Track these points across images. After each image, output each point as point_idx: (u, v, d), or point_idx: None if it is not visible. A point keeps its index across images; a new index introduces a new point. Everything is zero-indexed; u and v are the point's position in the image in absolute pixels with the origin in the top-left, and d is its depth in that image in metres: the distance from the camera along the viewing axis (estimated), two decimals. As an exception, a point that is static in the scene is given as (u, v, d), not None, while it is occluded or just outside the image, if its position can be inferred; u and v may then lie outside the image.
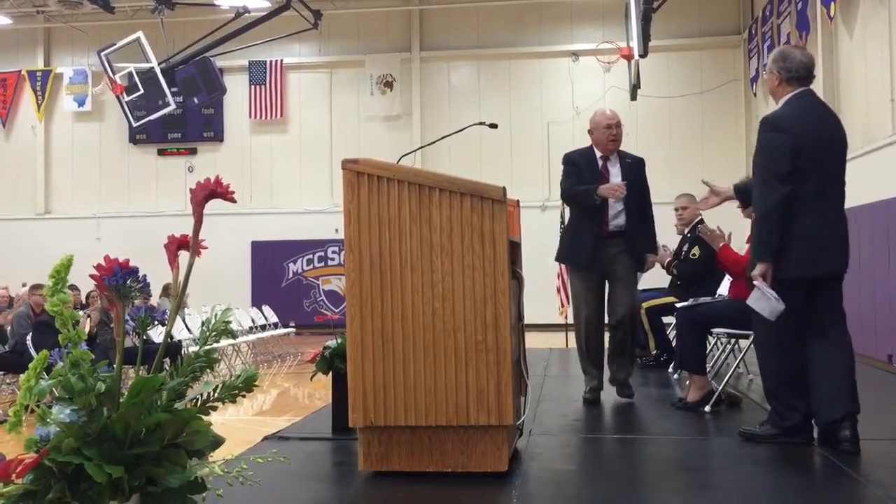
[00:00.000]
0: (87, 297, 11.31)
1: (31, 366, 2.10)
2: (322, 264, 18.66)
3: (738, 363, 6.11)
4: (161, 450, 2.09)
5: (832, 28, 11.62)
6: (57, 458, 1.98)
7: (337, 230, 17.35)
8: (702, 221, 7.01)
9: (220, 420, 2.28)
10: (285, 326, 15.23)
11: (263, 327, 14.55)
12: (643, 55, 12.10)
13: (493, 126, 6.38)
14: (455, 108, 18.03)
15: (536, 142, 17.57)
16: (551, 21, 18.12)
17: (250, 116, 18.90)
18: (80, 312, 2.56)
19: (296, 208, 18.63)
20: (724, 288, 6.47)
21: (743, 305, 4.45)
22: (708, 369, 5.63)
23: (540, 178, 16.98)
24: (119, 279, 2.12)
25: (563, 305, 12.53)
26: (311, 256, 18.69)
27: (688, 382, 5.46)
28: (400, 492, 3.45)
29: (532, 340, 4.58)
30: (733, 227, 5.95)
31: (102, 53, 14.55)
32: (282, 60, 18.65)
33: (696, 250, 6.98)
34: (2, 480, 1.97)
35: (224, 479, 2.23)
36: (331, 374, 4.73)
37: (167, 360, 6.69)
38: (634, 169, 5.56)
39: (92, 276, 2.15)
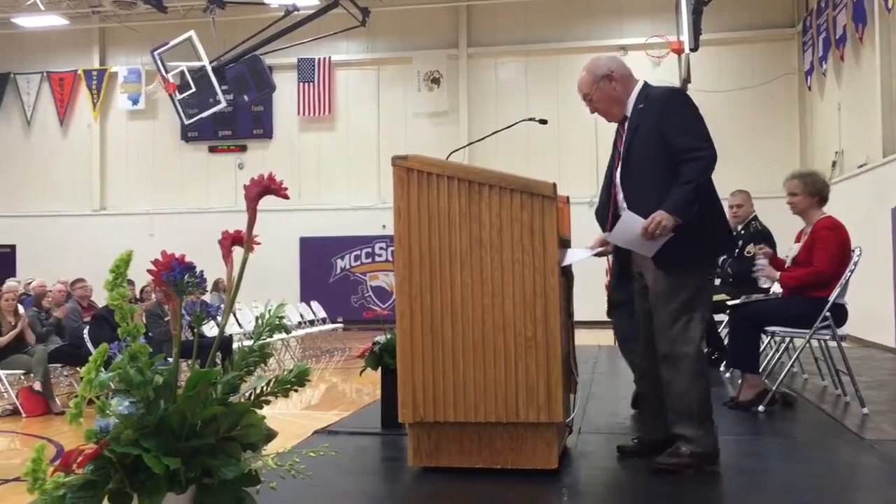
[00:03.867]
0: (141, 291, 11.52)
1: (91, 359, 2.14)
2: (370, 260, 18.77)
3: (793, 362, 5.99)
4: (216, 442, 2.12)
5: (890, 20, 11.31)
6: (116, 450, 2.02)
7: (384, 226, 17.46)
8: (755, 218, 6.94)
9: (270, 414, 2.31)
10: (333, 322, 15.37)
11: (312, 322, 14.68)
12: (694, 49, 11.90)
13: (543, 122, 6.34)
14: (502, 104, 17.97)
15: (585, 137, 17.38)
16: (600, 15, 17.95)
17: (299, 113, 19.07)
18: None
19: (344, 205, 18.74)
20: (777, 286, 6.36)
21: (798, 303, 4.38)
22: (761, 368, 5.53)
23: (588, 174, 16.76)
24: (177, 274, 2.16)
25: (611, 302, 12.38)
26: (358, 252, 18.81)
27: (740, 381, 5.38)
28: (449, 487, 3.46)
29: (581, 337, 4.55)
30: (786, 226, 5.87)
31: (156, 52, 14.81)
32: (330, 58, 18.77)
33: (750, 247, 6.87)
34: (63, 470, 2.01)
35: (277, 472, 2.25)
36: (380, 369, 4.76)
37: (220, 354, 6.76)
38: (646, 116, 3.65)
39: (149, 272, 2.19)
